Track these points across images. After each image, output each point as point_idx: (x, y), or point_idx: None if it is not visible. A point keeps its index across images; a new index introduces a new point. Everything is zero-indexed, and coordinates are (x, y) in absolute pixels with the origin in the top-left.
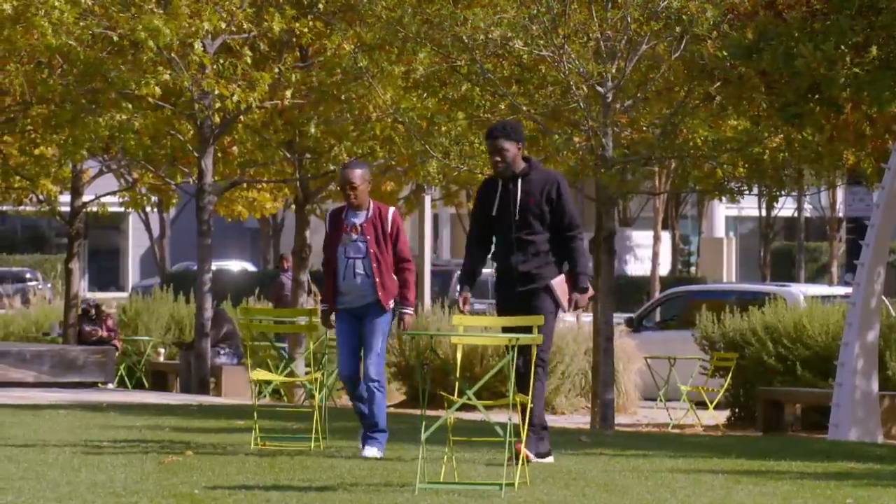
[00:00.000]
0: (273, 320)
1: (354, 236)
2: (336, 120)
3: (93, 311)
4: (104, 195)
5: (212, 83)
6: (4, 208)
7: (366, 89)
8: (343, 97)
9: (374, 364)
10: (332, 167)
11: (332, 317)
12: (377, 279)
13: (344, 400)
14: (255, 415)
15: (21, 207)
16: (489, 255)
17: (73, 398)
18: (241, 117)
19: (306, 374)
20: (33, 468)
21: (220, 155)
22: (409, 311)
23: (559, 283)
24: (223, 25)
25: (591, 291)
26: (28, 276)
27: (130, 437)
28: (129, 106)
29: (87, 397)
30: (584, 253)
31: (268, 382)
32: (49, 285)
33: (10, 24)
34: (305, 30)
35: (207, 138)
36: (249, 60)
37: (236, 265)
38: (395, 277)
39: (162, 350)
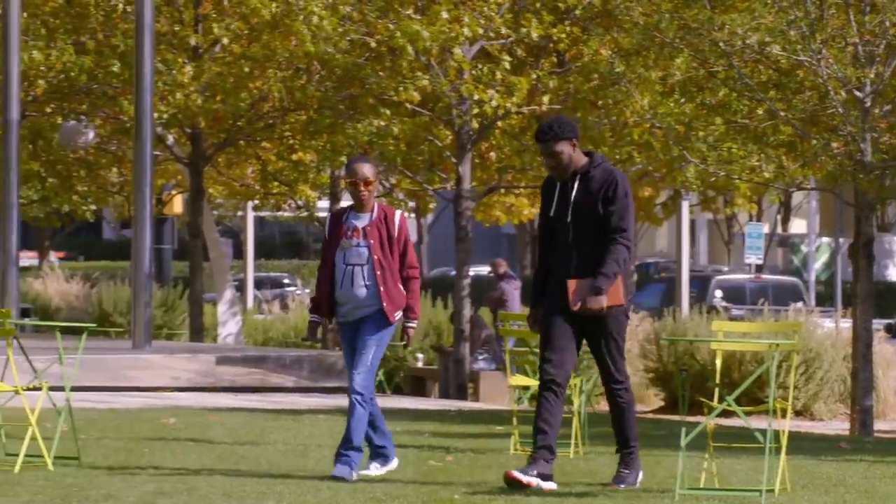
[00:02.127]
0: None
1: (356, 241)
2: (594, 125)
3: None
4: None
5: (470, 88)
6: (263, 214)
7: (623, 95)
8: (600, 102)
9: (362, 375)
10: None
11: (333, 330)
12: (381, 288)
13: (602, 405)
14: (515, 420)
15: (279, 213)
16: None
17: (332, 403)
18: (499, 122)
19: None
20: (294, 473)
21: (477, 160)
22: (414, 324)
23: (576, 282)
24: (481, 31)
25: (613, 298)
26: (286, 281)
27: None
28: (388, 112)
29: (345, 402)
30: (617, 256)
31: (526, 388)
32: (307, 290)
33: (270, 30)
34: (563, 35)
35: (465, 144)
36: (507, 66)
37: None
38: (400, 287)
39: (420, 355)
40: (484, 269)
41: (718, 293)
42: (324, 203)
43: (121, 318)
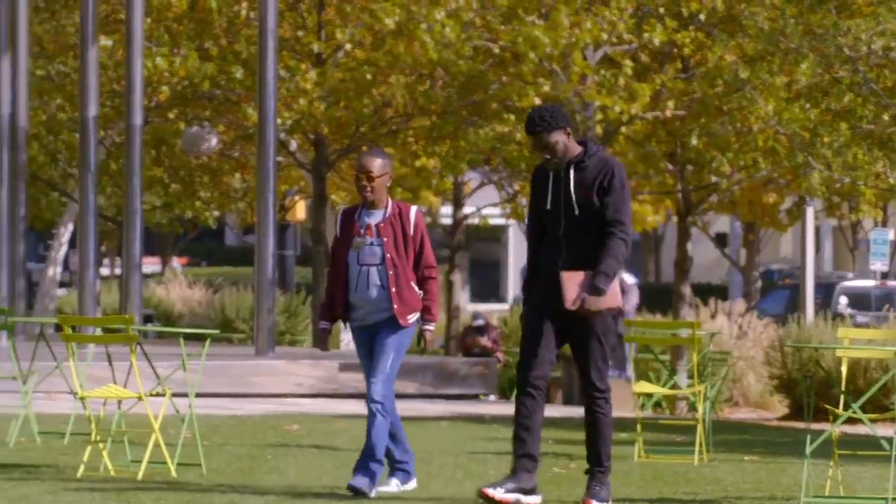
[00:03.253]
0: (651, 332)
1: (369, 239)
2: (718, 131)
3: (482, 323)
4: (485, 207)
5: (593, 94)
6: None
7: (747, 101)
8: (725, 108)
9: (380, 384)
10: (714, 179)
11: (346, 334)
12: (393, 289)
13: (726, 412)
14: (639, 427)
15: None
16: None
17: (455, 410)
18: (623, 128)
19: (689, 386)
20: (418, 479)
21: None
22: (431, 326)
23: (571, 277)
24: (604, 36)
25: (611, 300)
26: None
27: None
28: (511, 117)
29: (469, 409)
30: (615, 252)
31: (650, 395)
32: None
33: (393, 37)
34: (687, 41)
35: None
36: (630, 71)
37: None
38: (414, 289)
39: None
40: None
41: (843, 300)
42: (447, 209)
43: (243, 324)
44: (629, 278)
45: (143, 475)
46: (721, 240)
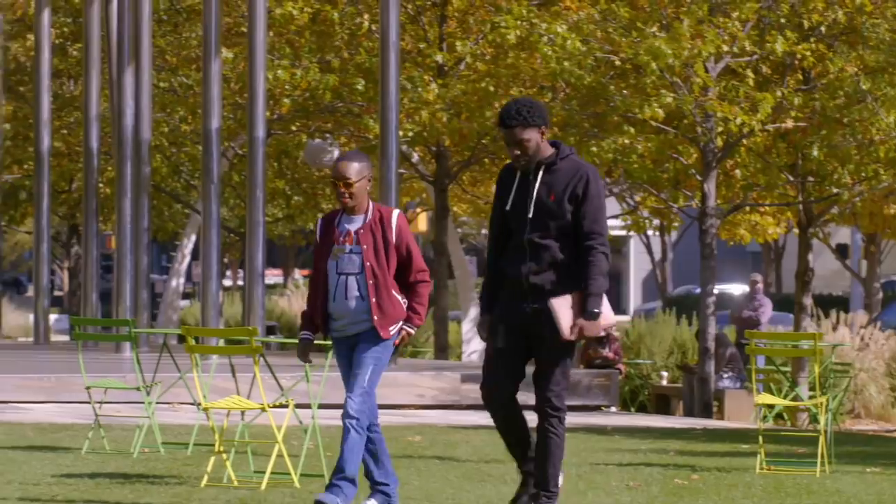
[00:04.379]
0: (772, 344)
1: (348, 246)
2: (839, 143)
3: (603, 334)
4: (607, 218)
5: (714, 106)
6: None
7: (869, 112)
8: (846, 120)
9: (358, 399)
10: (835, 190)
11: (330, 348)
12: (373, 300)
13: (848, 424)
14: (761, 439)
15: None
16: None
17: (577, 421)
18: (744, 140)
19: (810, 397)
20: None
21: (722, 178)
22: (412, 329)
23: (561, 304)
24: (726, 48)
25: (606, 319)
26: None
27: (635, 460)
28: (632, 129)
29: (591, 420)
30: (601, 268)
31: (772, 406)
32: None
33: (515, 50)
34: (808, 52)
35: (710, 161)
36: (752, 83)
37: (737, 288)
38: (397, 298)
39: (664, 373)
40: (728, 287)
41: None
42: None
43: None
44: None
45: (266, 486)
46: (842, 251)
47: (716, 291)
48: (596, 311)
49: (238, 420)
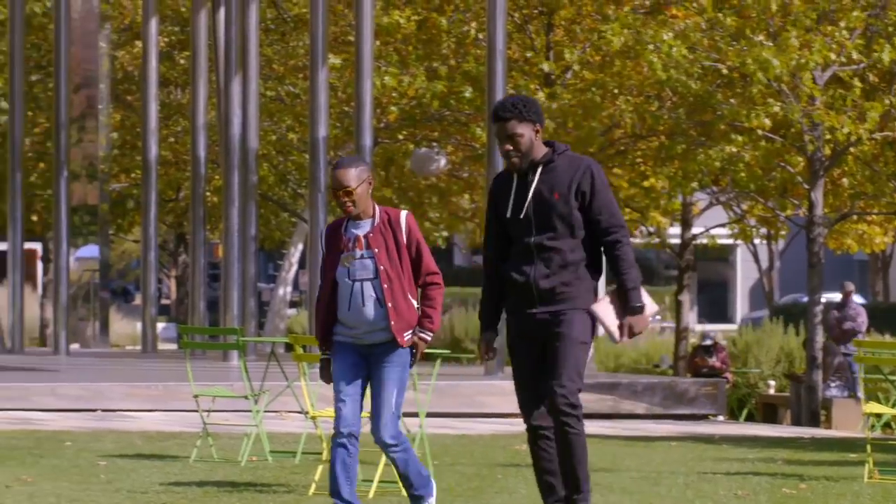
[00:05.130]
0: (881, 353)
1: (359, 252)
2: None
3: (710, 343)
4: (713, 227)
5: (822, 115)
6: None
7: None
8: None
9: (390, 424)
10: None
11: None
12: (389, 304)
13: None
14: (869, 448)
15: (630, 239)
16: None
17: (683, 430)
18: (852, 149)
19: None
20: (647, 499)
21: (829, 187)
22: (427, 336)
23: (603, 308)
24: (833, 57)
25: (649, 309)
26: None
27: (743, 469)
28: (739, 138)
29: (698, 429)
30: (630, 260)
31: (879, 415)
32: (658, 318)
33: (621, 58)
34: None
35: (817, 170)
36: (859, 92)
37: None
38: (412, 302)
39: (772, 382)
40: (836, 296)
41: None
42: (675, 229)
43: (472, 344)
44: (858, 298)
45: (373, 494)
46: None
47: (823, 300)
48: (639, 304)
49: None
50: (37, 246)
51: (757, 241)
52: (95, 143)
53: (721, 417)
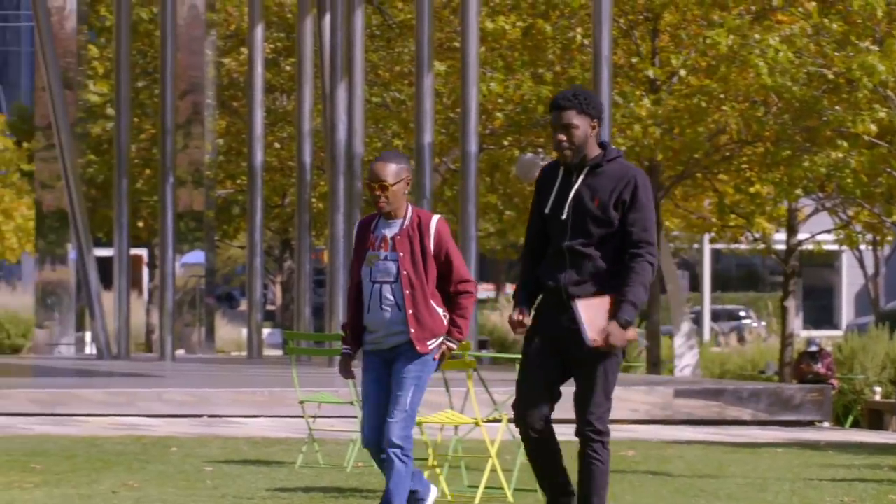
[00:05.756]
0: None
1: (383, 253)
2: None
3: (816, 349)
4: (819, 233)
5: None
6: (719, 246)
7: None
8: None
9: (399, 424)
10: None
11: (359, 363)
12: (410, 311)
13: None
14: None
15: (735, 245)
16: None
17: (789, 436)
18: None
19: None
20: None
21: None
22: (454, 344)
23: (589, 306)
24: None
25: (632, 332)
26: (742, 314)
27: (849, 476)
28: (846, 144)
29: (803, 436)
30: (644, 279)
31: None
32: (763, 323)
33: (727, 63)
34: None
35: None
36: None
37: None
38: (437, 311)
39: (878, 388)
40: None
41: None
42: (780, 235)
43: None
44: None
45: (479, 500)
46: None
47: None
48: (628, 319)
49: (451, 434)
50: (143, 252)
51: (862, 246)
52: (201, 150)
53: (826, 424)
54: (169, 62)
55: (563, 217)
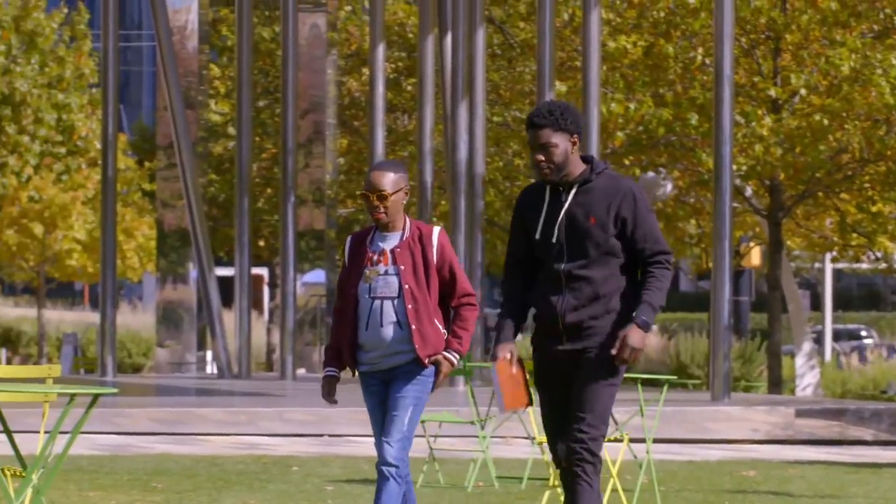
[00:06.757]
0: None
1: (383, 267)
2: None
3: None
4: None
5: None
6: (840, 266)
7: None
8: None
9: (397, 445)
10: None
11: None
12: (413, 326)
13: None
14: None
15: (857, 265)
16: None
17: None
18: None
19: None
20: None
21: None
22: (454, 357)
23: (505, 371)
24: None
25: (641, 340)
26: (863, 333)
27: None
28: None
29: None
30: (665, 285)
31: None
32: (885, 342)
33: (849, 83)
34: None
35: None
36: None
37: None
38: (437, 327)
39: None
40: None
41: None
42: None
43: (698, 369)
44: None
45: None
46: None
47: None
48: (647, 320)
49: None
50: (264, 271)
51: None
52: (322, 169)
53: None
54: (290, 81)
55: (557, 239)
